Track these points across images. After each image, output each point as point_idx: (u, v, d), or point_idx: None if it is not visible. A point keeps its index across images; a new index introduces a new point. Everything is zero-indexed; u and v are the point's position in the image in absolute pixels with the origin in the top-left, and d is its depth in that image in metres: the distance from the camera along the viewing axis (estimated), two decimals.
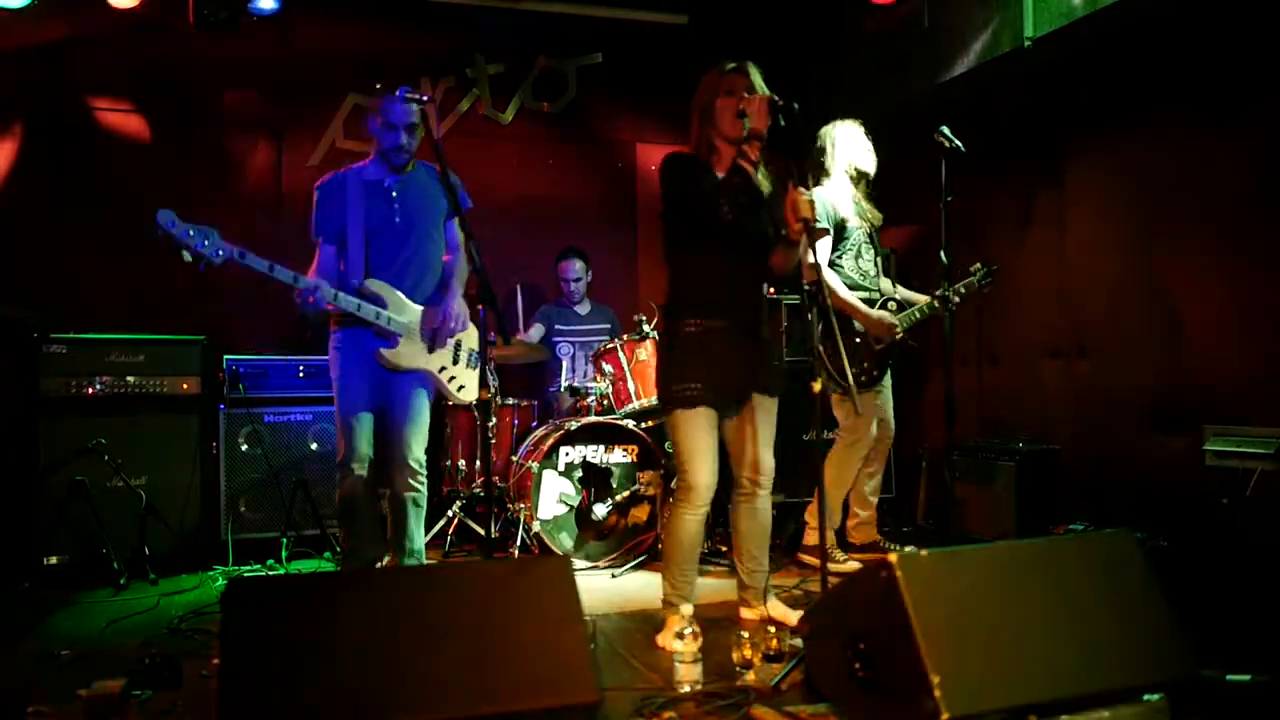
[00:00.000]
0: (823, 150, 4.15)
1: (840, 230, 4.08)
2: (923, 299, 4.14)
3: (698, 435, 3.05)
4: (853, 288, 4.07)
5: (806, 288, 3.04)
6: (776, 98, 2.94)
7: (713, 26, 5.76)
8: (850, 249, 4.11)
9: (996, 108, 4.99)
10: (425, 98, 3.12)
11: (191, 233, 3.04)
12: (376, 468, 3.44)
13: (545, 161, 5.96)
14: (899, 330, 4.03)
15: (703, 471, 3.05)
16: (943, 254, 3.61)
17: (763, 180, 3.09)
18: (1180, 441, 4.05)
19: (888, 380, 4.22)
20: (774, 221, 3.09)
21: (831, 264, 4.07)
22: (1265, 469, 3.64)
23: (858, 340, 4.03)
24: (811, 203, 2.91)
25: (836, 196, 4.10)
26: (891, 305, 4.10)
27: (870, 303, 4.07)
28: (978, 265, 4.03)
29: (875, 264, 4.19)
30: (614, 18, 5.82)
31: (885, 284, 4.23)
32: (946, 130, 3.59)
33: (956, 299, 3.85)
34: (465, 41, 5.75)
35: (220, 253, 3.10)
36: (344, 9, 5.38)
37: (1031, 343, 4.87)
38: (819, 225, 3.38)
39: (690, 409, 3.04)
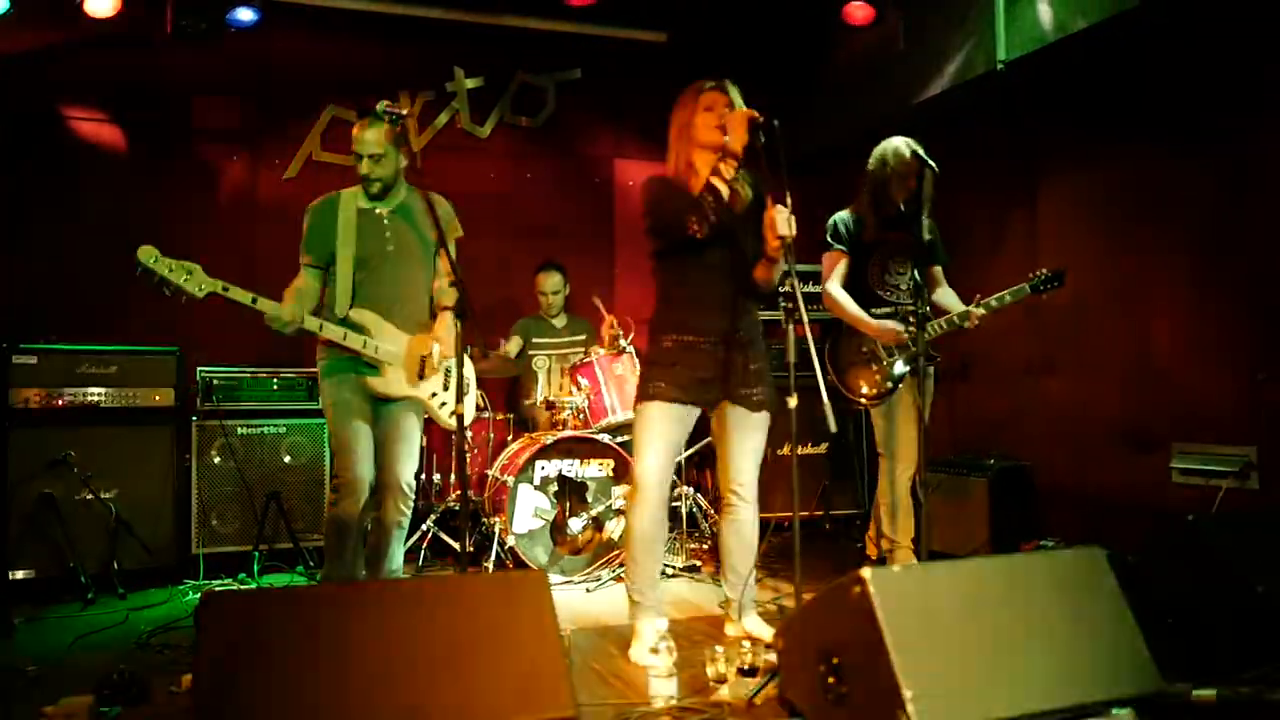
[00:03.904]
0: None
1: (857, 245, 3.92)
2: (960, 307, 3.89)
3: (651, 426, 3.11)
4: (875, 303, 3.91)
5: (784, 304, 3.05)
6: (757, 114, 2.95)
7: (691, 44, 5.80)
8: (874, 263, 3.93)
9: (970, 128, 5.07)
10: (403, 113, 3.12)
11: (173, 268, 3.03)
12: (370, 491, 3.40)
13: (524, 176, 5.98)
14: (907, 338, 3.80)
15: (647, 460, 3.09)
16: (915, 272, 3.63)
17: (748, 193, 3.13)
18: (1148, 459, 4.12)
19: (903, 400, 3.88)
20: (757, 236, 3.12)
21: (854, 280, 3.92)
22: (1230, 486, 3.71)
23: (864, 351, 3.90)
24: (789, 219, 2.94)
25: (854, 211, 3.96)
26: (912, 318, 3.73)
27: (889, 317, 3.88)
28: (1040, 271, 3.77)
29: (909, 278, 3.88)
30: (593, 34, 5.85)
31: (947, 299, 3.97)
32: (920, 150, 3.62)
33: (983, 311, 3.72)
34: (444, 55, 5.76)
35: (203, 287, 3.08)
36: (323, 22, 5.37)
37: (1004, 360, 4.93)
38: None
39: (648, 401, 3.12)
